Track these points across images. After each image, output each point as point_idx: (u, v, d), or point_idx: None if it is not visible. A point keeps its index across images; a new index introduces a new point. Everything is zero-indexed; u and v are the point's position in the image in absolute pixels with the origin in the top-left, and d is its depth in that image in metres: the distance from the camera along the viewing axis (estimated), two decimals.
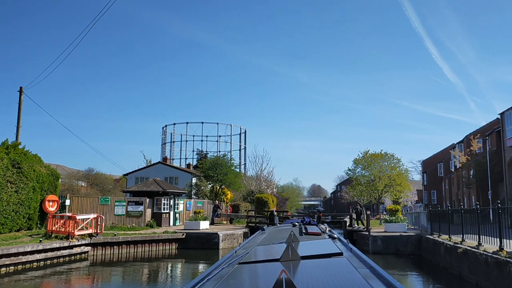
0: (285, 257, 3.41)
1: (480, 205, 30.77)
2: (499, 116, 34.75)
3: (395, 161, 41.22)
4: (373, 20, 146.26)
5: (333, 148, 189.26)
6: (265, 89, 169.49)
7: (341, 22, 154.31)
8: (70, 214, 20.39)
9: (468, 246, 14.58)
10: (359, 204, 36.13)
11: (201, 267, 20.77)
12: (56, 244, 18.25)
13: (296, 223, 9.71)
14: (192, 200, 35.77)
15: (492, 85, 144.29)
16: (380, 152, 41.61)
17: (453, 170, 51.53)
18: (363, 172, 42.98)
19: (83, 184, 62.26)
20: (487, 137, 37.12)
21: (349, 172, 44.75)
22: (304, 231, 7.45)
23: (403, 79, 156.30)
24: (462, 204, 18.44)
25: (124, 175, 52.40)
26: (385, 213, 38.72)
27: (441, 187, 62.41)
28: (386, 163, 41.00)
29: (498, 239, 12.68)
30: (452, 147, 53.45)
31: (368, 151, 42.38)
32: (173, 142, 78.21)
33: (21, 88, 22.17)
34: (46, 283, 15.55)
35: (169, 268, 20.37)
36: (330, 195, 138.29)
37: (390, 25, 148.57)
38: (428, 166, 67.46)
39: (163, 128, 77.93)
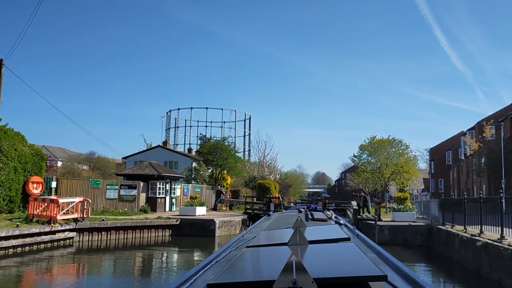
0: (293, 241, 3.42)
1: (492, 194, 29.13)
2: None
3: (403, 147, 39.42)
4: (382, 8, 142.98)
5: (338, 136, 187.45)
6: (273, 77, 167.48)
7: (350, 12, 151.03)
8: (52, 197, 18.91)
9: (489, 239, 12.98)
10: (363, 191, 34.46)
11: (196, 255, 19.45)
12: (35, 229, 16.81)
13: (302, 209, 9.21)
14: (190, 185, 34.31)
15: (500, 74, 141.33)
16: (388, 138, 39.73)
17: (462, 158, 49.75)
18: (369, 158, 41.19)
19: (84, 168, 61.05)
20: (501, 123, 35.23)
21: (355, 159, 42.80)
22: (310, 217, 7.16)
23: (411, 68, 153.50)
24: (480, 192, 16.77)
25: (123, 158, 51.03)
26: (392, 201, 37.10)
27: (449, 175, 60.75)
28: (393, 150, 39.20)
29: None
30: (462, 134, 51.59)
31: (375, 136, 40.49)
32: (177, 127, 77.20)
33: (1, 60, 20.67)
34: (22, 272, 14.14)
35: (161, 256, 19.01)
36: (334, 183, 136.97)
37: (399, 13, 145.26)
38: (436, 154, 65.71)
39: (167, 113, 76.77)
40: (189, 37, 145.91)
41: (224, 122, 76.14)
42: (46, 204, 18.26)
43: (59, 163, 57.34)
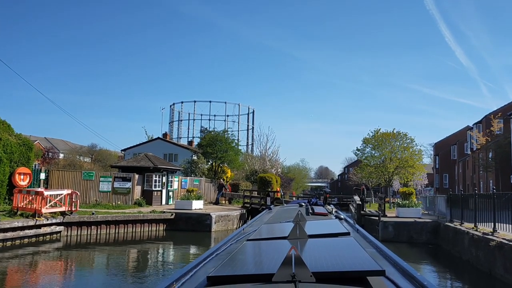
0: (292, 235, 3.45)
1: (500, 190, 27.99)
2: None
3: (408, 141, 38.18)
4: (386, 2, 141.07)
5: (341, 130, 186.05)
6: (276, 71, 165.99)
7: (354, 5, 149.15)
8: (37, 189, 17.93)
9: (504, 238, 11.93)
10: (365, 185, 33.23)
11: (191, 251, 18.54)
12: (18, 223, 15.84)
13: (303, 204, 9.06)
14: (188, 178, 33.34)
15: (504, 70, 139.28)
16: (392, 131, 38.47)
17: (468, 152, 48.56)
18: (373, 152, 39.93)
19: (86, 160, 60.26)
20: (510, 116, 34.00)
21: (358, 153, 41.50)
22: (310, 211, 7.16)
23: (415, 62, 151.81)
24: (494, 187, 15.67)
25: (122, 150, 50.19)
26: (397, 196, 35.94)
27: (453, 170, 59.59)
28: (398, 143, 37.97)
29: None
30: (469, 128, 50.36)
31: (379, 130, 39.21)
32: (181, 120, 76.49)
33: None
34: (3, 268, 13.19)
35: (155, 252, 18.06)
36: (337, 177, 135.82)
37: (403, 7, 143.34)
38: (441, 148, 64.53)
39: (170, 106, 76.13)
40: (193, 31, 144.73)
41: (228, 115, 75.60)
42: (31, 196, 17.29)
43: (61, 155, 56.59)
